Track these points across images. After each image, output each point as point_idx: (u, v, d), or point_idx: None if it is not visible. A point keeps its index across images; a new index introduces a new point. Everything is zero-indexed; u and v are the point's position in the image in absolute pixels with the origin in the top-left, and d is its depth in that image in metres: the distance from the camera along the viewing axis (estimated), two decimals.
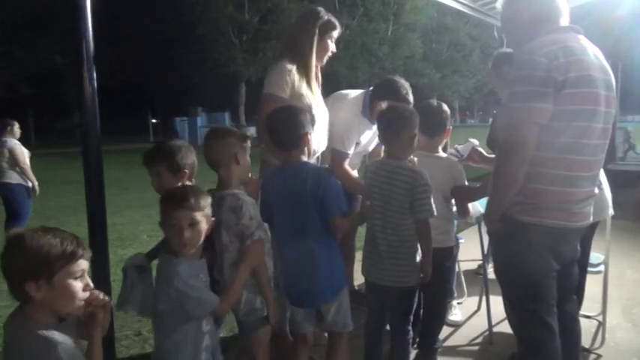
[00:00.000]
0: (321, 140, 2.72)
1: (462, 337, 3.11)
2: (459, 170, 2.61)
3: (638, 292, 3.76)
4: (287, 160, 2.18)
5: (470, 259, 4.28)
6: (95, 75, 2.06)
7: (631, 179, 6.38)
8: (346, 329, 2.22)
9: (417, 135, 2.31)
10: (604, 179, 2.68)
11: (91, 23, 2.03)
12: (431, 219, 2.28)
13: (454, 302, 3.39)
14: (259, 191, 2.28)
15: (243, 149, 2.07)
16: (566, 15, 2.00)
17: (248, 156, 2.10)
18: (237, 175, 2.07)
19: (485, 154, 2.96)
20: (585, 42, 1.93)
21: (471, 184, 2.66)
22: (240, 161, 2.05)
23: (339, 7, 27.71)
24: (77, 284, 1.39)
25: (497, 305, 2.66)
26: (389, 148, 2.39)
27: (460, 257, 3.46)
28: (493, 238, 2.21)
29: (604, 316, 3.02)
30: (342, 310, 2.19)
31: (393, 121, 2.30)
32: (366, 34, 29.54)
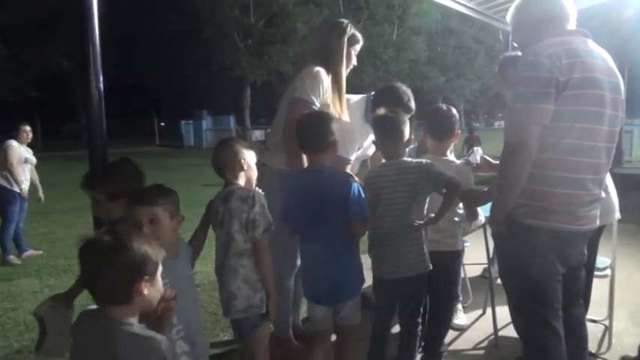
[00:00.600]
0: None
1: (467, 341, 3.10)
2: (467, 174, 2.61)
3: None
4: (311, 163, 2.28)
5: (475, 263, 4.26)
6: (101, 78, 2.08)
7: (638, 183, 6.34)
8: (356, 322, 2.31)
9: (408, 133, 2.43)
10: (610, 183, 2.66)
11: (97, 27, 2.05)
12: (439, 223, 2.36)
13: (459, 306, 3.38)
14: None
15: (250, 155, 2.18)
16: (573, 19, 2.01)
17: (254, 165, 2.20)
18: (244, 176, 2.16)
19: (492, 161, 2.96)
20: (593, 45, 1.93)
21: (479, 188, 2.66)
22: (245, 167, 2.14)
23: (344, 10, 27.75)
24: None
25: (502, 309, 2.64)
26: (388, 149, 2.41)
27: (465, 261, 3.45)
28: (498, 241, 2.21)
29: (610, 321, 3.01)
30: (356, 305, 2.29)
31: (390, 123, 2.36)
32: (371, 37, 29.48)
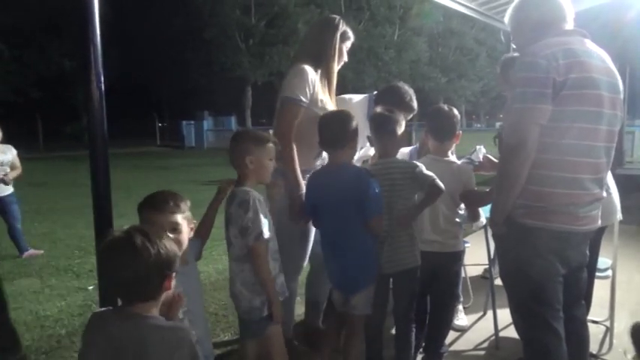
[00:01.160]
0: None
1: (467, 341, 3.10)
2: (468, 175, 2.62)
3: None
4: (331, 160, 2.36)
5: (476, 264, 4.26)
6: (103, 79, 2.08)
7: (639, 183, 6.34)
8: (365, 313, 2.36)
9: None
10: (612, 184, 2.66)
11: (98, 27, 2.05)
12: (441, 224, 2.46)
13: (460, 307, 3.38)
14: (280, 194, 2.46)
15: (260, 153, 2.12)
16: (570, 19, 2.02)
17: (268, 160, 2.15)
18: (252, 176, 2.13)
19: (495, 160, 2.95)
20: (591, 45, 1.94)
21: (481, 189, 2.65)
22: (254, 164, 2.10)
23: (345, 11, 27.74)
24: None
25: (503, 310, 2.64)
26: (383, 148, 2.45)
27: (466, 261, 3.44)
28: (499, 241, 2.21)
29: (612, 322, 3.00)
30: (367, 296, 2.34)
31: (386, 123, 2.41)
32: (373, 38, 29.51)
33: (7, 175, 5.15)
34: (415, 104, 2.94)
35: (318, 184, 2.37)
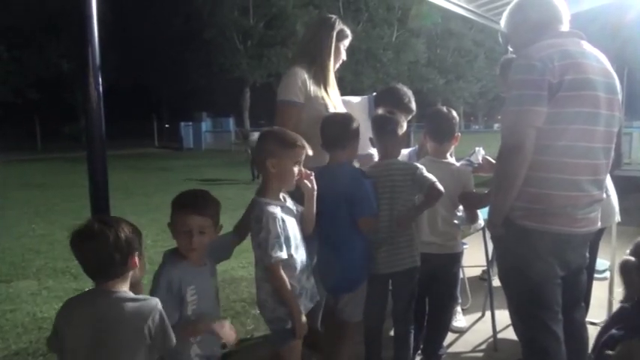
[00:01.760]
0: None
1: (466, 343, 3.09)
2: (467, 177, 2.62)
3: None
4: (331, 160, 2.37)
5: (474, 265, 4.25)
6: (101, 80, 2.08)
7: (637, 185, 6.34)
8: (354, 320, 2.34)
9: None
10: (610, 185, 2.67)
11: (97, 29, 2.05)
12: (439, 225, 2.47)
13: (458, 308, 3.38)
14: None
15: (284, 156, 1.95)
16: (566, 21, 2.03)
17: (293, 165, 1.97)
18: (274, 181, 1.97)
19: (494, 161, 2.95)
20: (587, 46, 1.94)
21: (479, 191, 2.65)
22: (275, 168, 1.94)
23: (343, 12, 27.77)
24: None
25: (502, 311, 2.64)
26: (384, 149, 2.45)
27: (464, 263, 3.44)
28: (497, 243, 2.21)
29: None
30: (356, 301, 2.32)
31: (387, 124, 2.42)
32: (371, 39, 29.54)
33: None
34: (414, 106, 2.94)
35: (319, 184, 2.35)
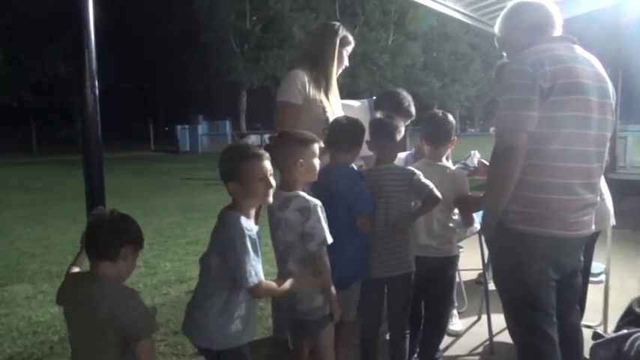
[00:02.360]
0: None
1: (462, 346, 3.10)
2: (462, 180, 2.63)
3: None
4: (332, 160, 2.38)
5: (470, 269, 4.26)
6: (97, 83, 2.08)
7: (632, 188, 6.37)
8: (348, 319, 2.33)
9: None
10: (605, 189, 2.68)
11: (93, 32, 2.05)
12: (435, 229, 2.47)
13: (454, 311, 3.37)
14: None
15: (308, 154, 2.09)
16: (559, 25, 2.04)
17: (315, 159, 2.11)
18: (301, 178, 2.11)
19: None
20: (580, 50, 1.96)
21: (475, 194, 2.66)
22: (303, 166, 2.07)
23: (340, 16, 27.87)
24: None
25: (498, 314, 2.64)
26: (381, 153, 2.45)
27: (460, 266, 3.44)
28: (492, 247, 2.22)
29: (605, 326, 3.02)
30: (349, 302, 2.32)
31: (385, 128, 2.41)
32: (367, 42, 29.61)
33: None
34: (413, 110, 2.96)
35: (316, 184, 2.35)
